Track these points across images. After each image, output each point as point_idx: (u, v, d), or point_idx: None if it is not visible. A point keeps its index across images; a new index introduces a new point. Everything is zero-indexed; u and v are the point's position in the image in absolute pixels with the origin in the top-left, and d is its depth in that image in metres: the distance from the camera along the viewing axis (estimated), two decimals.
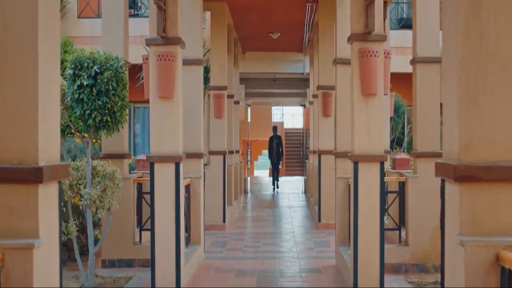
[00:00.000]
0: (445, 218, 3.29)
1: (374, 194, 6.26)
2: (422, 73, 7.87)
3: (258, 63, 17.75)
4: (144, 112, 16.41)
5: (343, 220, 7.96)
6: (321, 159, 11.55)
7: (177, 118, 6.32)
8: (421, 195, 7.79)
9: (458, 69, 2.92)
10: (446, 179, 3.27)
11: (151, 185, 6.33)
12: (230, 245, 9.83)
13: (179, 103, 6.33)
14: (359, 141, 6.28)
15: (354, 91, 6.28)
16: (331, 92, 11.69)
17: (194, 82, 8.08)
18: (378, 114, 6.26)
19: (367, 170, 6.25)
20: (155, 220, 6.31)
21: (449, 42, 3.11)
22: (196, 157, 8.04)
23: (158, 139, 6.35)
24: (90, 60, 6.72)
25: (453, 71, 3.02)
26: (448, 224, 3.24)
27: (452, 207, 3.14)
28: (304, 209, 15.11)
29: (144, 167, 10.02)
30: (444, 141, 3.31)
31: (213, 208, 11.37)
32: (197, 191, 7.97)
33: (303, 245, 9.88)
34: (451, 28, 3.06)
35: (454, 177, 2.99)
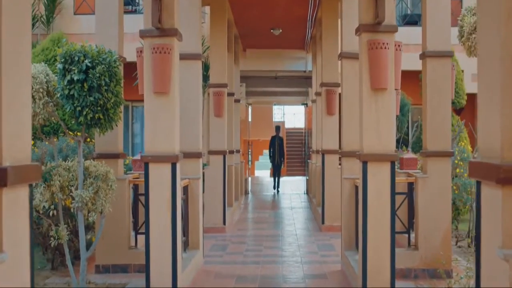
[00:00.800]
0: (482, 227, 2.83)
1: (384, 195, 5.85)
2: (432, 68, 7.46)
3: (259, 60, 17.34)
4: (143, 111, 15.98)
5: (349, 223, 7.55)
6: (325, 159, 11.15)
7: (174, 115, 5.92)
8: (432, 196, 7.39)
9: (501, 50, 2.49)
10: (484, 181, 2.78)
11: (146, 186, 5.93)
12: (231, 248, 9.43)
13: (175, 99, 5.93)
14: (368, 139, 5.87)
15: (363, 86, 5.88)
16: (335, 89, 11.30)
17: (193, 78, 7.68)
18: (389, 110, 5.86)
19: (377, 170, 5.85)
20: (150, 224, 5.91)
21: (487, 21, 2.69)
22: (195, 157, 7.63)
23: (153, 137, 5.95)
24: (81, 53, 6.32)
25: (493, 54, 2.60)
26: (486, 234, 2.78)
27: (491, 214, 2.69)
28: (307, 210, 14.71)
29: (141, 167, 9.61)
30: (480, 137, 2.88)
31: (213, 210, 10.98)
32: (196, 192, 7.57)
33: (306, 248, 9.48)
34: (490, 5, 2.64)
35: (496, 179, 2.52)
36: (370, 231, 5.87)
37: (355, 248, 7.47)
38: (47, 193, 6.45)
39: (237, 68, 15.42)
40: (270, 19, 13.26)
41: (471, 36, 6.11)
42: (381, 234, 5.88)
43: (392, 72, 5.84)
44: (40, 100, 6.36)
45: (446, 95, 7.47)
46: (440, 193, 7.39)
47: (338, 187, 11.13)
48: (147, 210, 5.93)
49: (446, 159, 7.45)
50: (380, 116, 5.85)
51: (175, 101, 5.94)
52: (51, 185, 6.47)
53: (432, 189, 7.40)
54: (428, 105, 7.48)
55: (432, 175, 7.42)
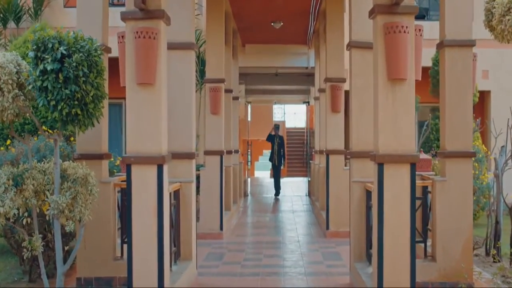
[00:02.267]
0: None
1: (403, 202, 5.08)
2: (451, 58, 6.70)
3: (259, 56, 16.54)
4: None
5: (360, 232, 6.78)
6: (330, 160, 10.38)
7: (160, 110, 5.15)
8: (451, 201, 6.63)
9: None
10: None
11: (128, 191, 5.16)
12: (228, 257, 8.65)
13: (162, 91, 5.16)
14: (385, 137, 5.10)
15: (378, 77, 5.10)
16: (340, 85, 10.54)
17: (185, 70, 6.90)
18: (408, 103, 5.08)
19: (395, 173, 5.07)
20: (132, 234, 5.14)
21: None
22: (187, 157, 6.86)
23: (136, 135, 5.18)
24: (56, 40, 5.55)
25: None
26: None
27: None
28: (309, 214, 13.92)
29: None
30: None
31: (209, 215, 10.21)
32: (188, 197, 6.79)
33: (310, 257, 8.69)
34: None
35: None
36: (386, 243, 5.09)
37: (366, 260, 6.70)
38: (19, 199, 5.69)
39: (236, 64, 14.65)
40: (270, 12, 12.48)
41: (505, 18, 5.33)
42: (399, 246, 5.10)
43: (412, 60, 5.06)
44: (9, 93, 5.59)
45: (467, 89, 6.70)
46: (460, 199, 6.63)
47: (343, 190, 10.38)
48: (129, 219, 5.16)
49: (467, 160, 6.68)
50: (398, 110, 5.08)
51: (162, 94, 5.17)
52: (23, 189, 5.72)
53: (452, 194, 6.63)
54: (446, 100, 6.71)
55: (452, 178, 6.65)
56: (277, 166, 18.34)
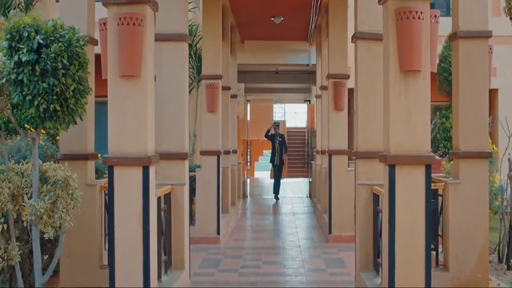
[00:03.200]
0: None
1: (417, 208, 4.56)
2: (466, 51, 6.20)
3: (258, 53, 15.99)
4: None
5: (366, 239, 6.25)
6: (332, 160, 9.86)
7: (146, 105, 4.62)
8: (465, 206, 6.13)
9: None
10: None
11: (110, 196, 4.64)
12: (224, 264, 8.12)
13: (148, 84, 4.64)
14: (397, 136, 4.57)
15: (390, 69, 4.58)
16: (343, 81, 10.02)
17: (177, 63, 6.37)
18: (423, 98, 4.57)
19: (408, 175, 4.55)
20: (115, 243, 4.62)
21: None
22: (179, 158, 6.33)
23: (119, 134, 4.66)
24: (32, 28, 5.04)
25: None
26: None
27: None
28: (310, 217, 13.39)
29: None
30: None
31: (205, 218, 9.69)
32: (180, 201, 6.27)
33: (312, 264, 8.17)
34: None
35: None
36: (398, 254, 4.57)
37: (373, 269, 6.17)
38: None
39: (234, 61, 14.12)
40: (270, 6, 11.96)
41: None
42: (412, 256, 4.58)
43: (427, 50, 4.54)
44: None
45: (482, 84, 6.20)
46: (475, 203, 6.13)
47: (347, 192, 9.86)
48: (111, 226, 4.64)
49: (482, 161, 6.18)
50: (412, 106, 4.56)
51: (148, 88, 4.64)
52: None
53: (466, 197, 6.13)
54: (460, 96, 6.20)
55: (466, 181, 6.15)
56: (278, 166, 17.17)
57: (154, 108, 4.80)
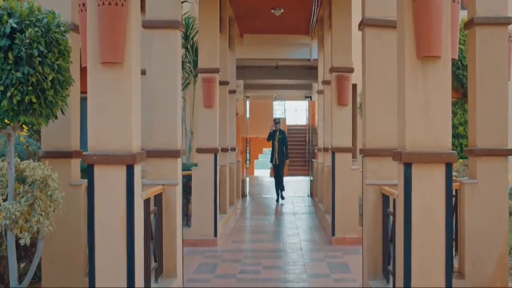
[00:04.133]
0: None
1: (437, 212, 4.04)
2: (483, 39, 5.70)
3: (258, 47, 15.45)
4: None
5: (375, 244, 5.73)
6: (336, 158, 9.34)
7: (130, 96, 4.10)
8: (483, 208, 5.63)
9: None
10: None
11: (90, 198, 4.13)
12: (221, 269, 7.61)
13: (132, 72, 4.12)
14: (413, 131, 4.05)
15: (405, 55, 4.05)
16: (347, 75, 9.51)
17: (168, 52, 5.85)
18: (443, 87, 4.04)
19: (426, 175, 4.03)
20: (95, 251, 4.10)
21: None
22: (171, 156, 5.81)
23: (100, 128, 4.14)
24: (4, 11, 4.55)
25: None
26: None
27: None
28: (312, 217, 12.87)
29: None
30: None
31: (201, 219, 9.19)
32: (172, 202, 5.75)
33: (314, 269, 7.65)
34: None
35: None
36: (415, 263, 4.04)
37: (382, 277, 5.66)
38: None
39: (233, 55, 13.59)
40: None
41: None
42: (431, 266, 4.06)
43: (447, 33, 4.02)
44: None
45: (501, 75, 5.70)
46: (494, 204, 5.65)
47: (351, 191, 9.34)
48: (91, 233, 4.12)
49: (501, 159, 5.69)
50: (431, 96, 4.04)
51: (133, 76, 4.12)
52: None
53: (483, 198, 5.64)
54: (477, 88, 5.69)
55: (483, 181, 5.66)
56: (278, 165, 15.53)
57: (140, 99, 4.29)
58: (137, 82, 4.23)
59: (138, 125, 4.23)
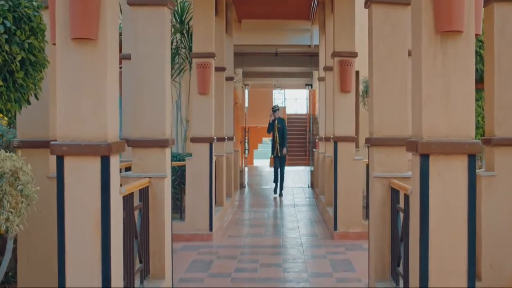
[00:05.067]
0: None
1: (458, 210, 3.52)
2: (503, 17, 5.21)
3: (256, 33, 14.86)
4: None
5: (382, 243, 5.22)
6: (338, 148, 8.82)
7: (105, 77, 3.57)
8: (502, 203, 5.14)
9: None
10: None
11: (59, 194, 3.61)
12: (216, 266, 7.11)
13: (108, 50, 3.58)
14: (431, 116, 3.52)
15: (422, 29, 3.52)
16: (350, 60, 8.96)
17: (155, 34, 5.30)
18: (466, 66, 3.51)
19: (446, 168, 3.50)
20: (65, 256, 3.59)
21: None
22: (159, 145, 5.29)
23: (71, 114, 3.61)
24: None
25: None
26: None
27: None
28: (312, 209, 12.37)
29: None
30: None
31: (196, 213, 8.69)
32: (160, 197, 5.24)
33: (316, 267, 7.15)
34: None
35: None
36: (433, 264, 3.53)
37: (391, 279, 5.15)
38: None
39: (230, 41, 13.03)
40: None
41: None
42: (450, 268, 3.55)
43: (471, 5, 3.49)
44: None
45: None
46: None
47: (354, 183, 8.81)
48: (61, 235, 3.61)
49: None
50: (452, 77, 3.51)
51: (108, 54, 3.59)
52: None
53: (502, 192, 5.14)
54: (496, 71, 5.18)
55: (502, 173, 5.18)
56: (279, 157, 14.43)
57: (117, 81, 3.76)
58: (114, 61, 3.70)
59: (115, 111, 3.70)
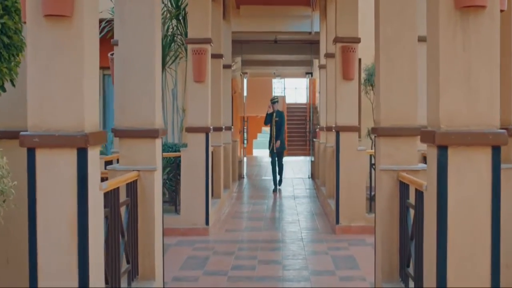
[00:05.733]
0: None
1: (481, 207, 3.12)
2: None
3: (255, 20, 14.40)
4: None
5: (390, 241, 4.82)
6: (340, 138, 8.42)
7: (82, 60, 3.16)
8: None
9: None
10: None
11: (30, 191, 3.20)
12: (212, 264, 6.73)
13: (85, 28, 3.17)
14: (450, 102, 3.10)
15: (440, 3, 3.10)
16: (353, 46, 8.53)
17: (143, 15, 4.87)
18: (490, 46, 3.10)
19: (467, 161, 3.09)
20: (37, 260, 3.20)
21: None
22: (148, 136, 4.87)
23: (44, 101, 3.20)
24: None
25: None
26: None
27: None
28: (313, 201, 11.98)
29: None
30: None
31: (192, 206, 8.31)
32: (149, 192, 4.83)
33: (317, 264, 6.78)
34: None
35: None
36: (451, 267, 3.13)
37: (399, 280, 4.76)
38: None
39: (228, 27, 12.58)
40: None
41: None
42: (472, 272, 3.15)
43: None
44: None
45: None
46: None
47: (357, 175, 8.40)
48: (32, 238, 3.21)
49: None
50: (474, 58, 3.09)
51: (86, 33, 3.17)
52: None
53: None
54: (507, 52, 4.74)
55: None
56: (277, 153, 13.49)
57: (96, 64, 3.35)
58: (93, 42, 3.28)
59: (94, 97, 3.29)
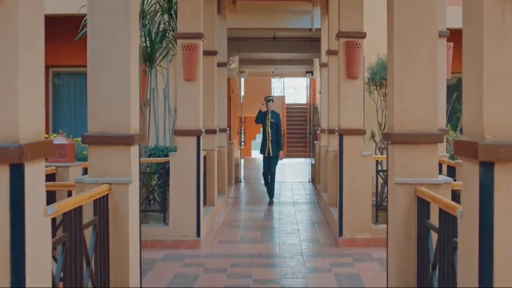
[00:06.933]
0: None
1: None
2: None
3: (253, 16, 13.68)
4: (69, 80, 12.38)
5: (406, 267, 4.10)
6: (344, 142, 7.70)
7: (15, 46, 2.43)
8: None
9: None
10: None
11: None
12: (202, 282, 6.02)
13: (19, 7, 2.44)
14: (497, 107, 2.38)
15: None
16: (358, 41, 7.83)
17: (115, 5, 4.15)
18: None
19: None
20: None
21: None
22: (122, 143, 4.15)
23: None
24: None
25: None
26: None
27: None
28: (314, 208, 11.27)
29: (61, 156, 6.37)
30: None
31: (181, 216, 7.61)
32: (123, 208, 4.11)
33: (320, 284, 6.06)
34: None
35: None
36: None
37: None
38: None
39: (223, 23, 11.87)
40: None
41: None
42: None
43: None
44: None
45: None
46: None
47: (362, 182, 7.65)
48: None
49: None
50: None
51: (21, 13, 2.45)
52: None
53: None
54: None
55: None
56: (269, 158, 11.83)
57: (41, 56, 2.63)
58: (34, 25, 2.56)
59: (35, 98, 2.57)
